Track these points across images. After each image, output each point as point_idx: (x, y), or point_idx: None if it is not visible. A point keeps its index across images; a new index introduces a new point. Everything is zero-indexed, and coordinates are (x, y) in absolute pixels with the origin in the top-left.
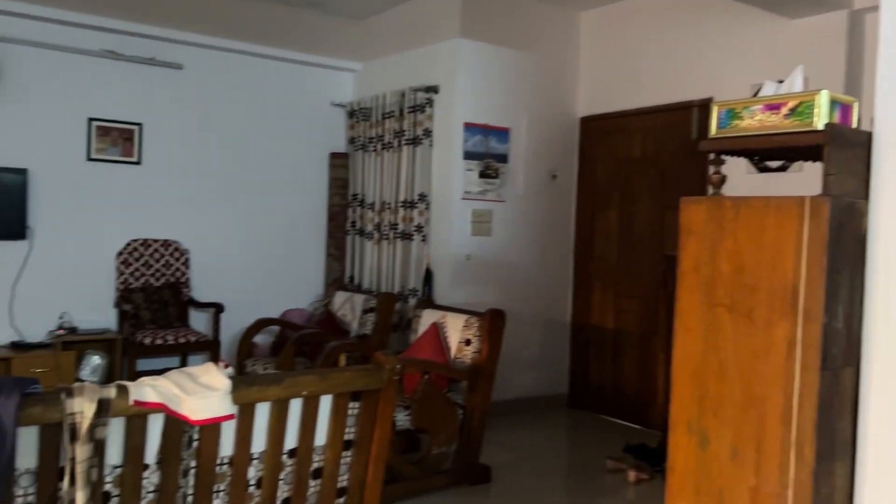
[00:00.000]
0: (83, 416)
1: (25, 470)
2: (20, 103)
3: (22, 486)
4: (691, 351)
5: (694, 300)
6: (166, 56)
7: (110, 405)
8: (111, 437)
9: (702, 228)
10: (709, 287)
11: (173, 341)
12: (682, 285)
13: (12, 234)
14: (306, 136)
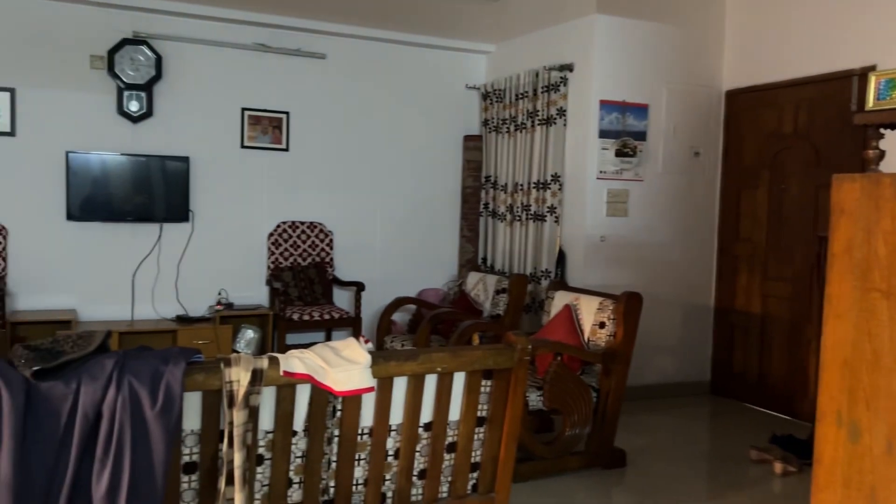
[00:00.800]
0: (239, 384)
1: (190, 431)
2: (182, 96)
3: (188, 445)
4: (842, 338)
5: (846, 284)
6: (311, 47)
7: (263, 375)
8: (264, 405)
9: (856, 207)
10: (863, 270)
11: (319, 317)
12: (833, 269)
13: (177, 217)
14: (441, 119)
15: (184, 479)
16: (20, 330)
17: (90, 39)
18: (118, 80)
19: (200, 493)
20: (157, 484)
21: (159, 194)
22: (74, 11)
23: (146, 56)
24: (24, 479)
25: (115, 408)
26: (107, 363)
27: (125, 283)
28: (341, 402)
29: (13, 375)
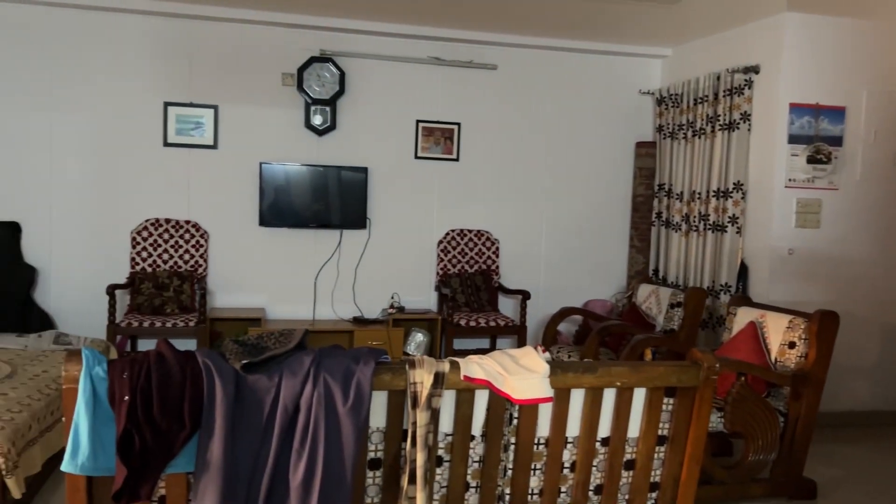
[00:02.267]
0: (423, 385)
1: (376, 428)
2: (362, 110)
3: (373, 442)
4: None
5: None
6: (483, 58)
7: (445, 378)
8: (444, 407)
9: None
10: None
11: (485, 324)
12: None
13: (355, 224)
14: (612, 126)
15: (369, 475)
16: (217, 325)
17: (282, 59)
18: (306, 96)
19: (383, 488)
20: (346, 476)
21: (340, 203)
22: (269, 33)
23: (331, 73)
24: (232, 463)
25: (312, 402)
26: (305, 360)
27: (308, 285)
28: (518, 410)
29: (225, 367)
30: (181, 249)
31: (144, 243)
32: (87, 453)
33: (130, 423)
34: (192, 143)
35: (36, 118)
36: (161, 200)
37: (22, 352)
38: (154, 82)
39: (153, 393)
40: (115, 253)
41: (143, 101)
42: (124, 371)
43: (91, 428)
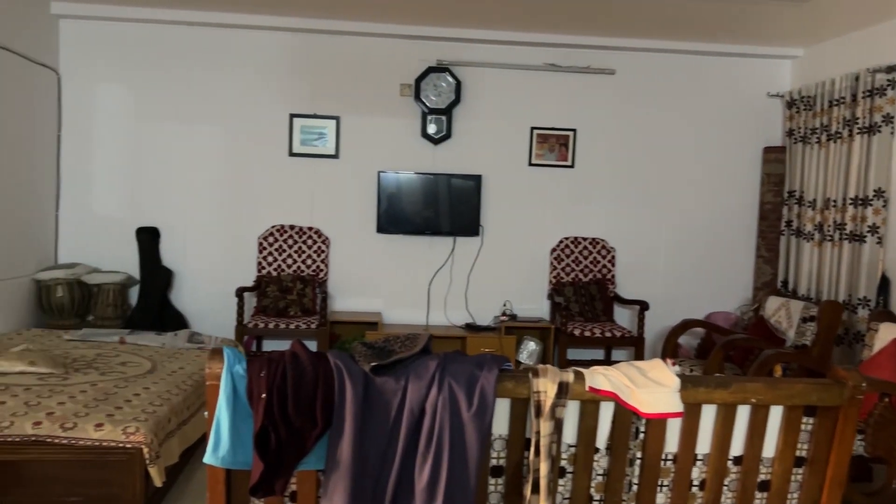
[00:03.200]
0: (546, 395)
1: (499, 436)
2: (477, 118)
3: (495, 449)
4: None
5: None
6: (600, 63)
7: (569, 388)
8: (568, 418)
9: None
10: None
11: (599, 334)
12: None
13: (468, 231)
14: (736, 130)
15: (491, 482)
16: (336, 328)
17: (400, 69)
18: (422, 105)
19: (505, 496)
20: (470, 482)
21: (454, 210)
22: (388, 45)
23: (448, 82)
24: (360, 462)
25: (437, 406)
26: (430, 364)
27: (422, 291)
28: (645, 424)
29: (355, 369)
30: (304, 255)
31: (270, 248)
32: (227, 447)
33: (267, 419)
34: (316, 153)
35: (175, 131)
36: (286, 208)
37: (160, 349)
38: (281, 95)
39: (288, 392)
40: (243, 257)
41: (271, 113)
42: (262, 370)
43: (231, 423)
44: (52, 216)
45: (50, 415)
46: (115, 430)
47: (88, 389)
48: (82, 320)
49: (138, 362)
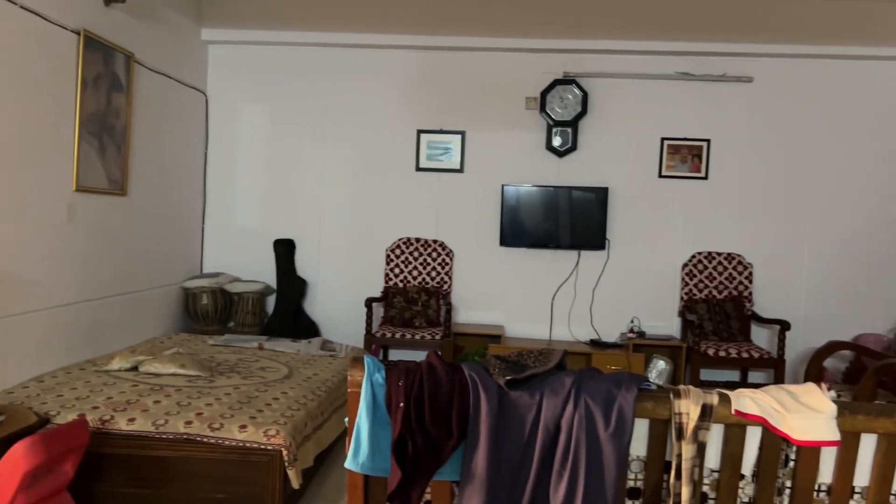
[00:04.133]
0: (688, 417)
1: (636, 457)
2: (604, 130)
3: (633, 470)
4: None
5: None
6: (737, 70)
7: (712, 411)
8: (711, 442)
9: None
10: None
11: (735, 355)
12: None
13: (594, 245)
14: (888, 139)
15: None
16: (460, 340)
17: (526, 83)
18: (548, 118)
19: None
20: (607, 502)
21: (579, 223)
22: (514, 59)
23: (574, 94)
24: (494, 476)
25: (573, 424)
26: (566, 380)
27: (545, 305)
28: (796, 452)
29: (490, 382)
30: (429, 267)
31: (397, 260)
32: (366, 453)
33: (405, 428)
34: (441, 168)
35: (309, 147)
36: (412, 221)
37: (295, 355)
38: (409, 112)
39: (425, 401)
40: (371, 268)
41: (399, 129)
42: (400, 379)
43: (370, 430)
44: (198, 228)
45: (199, 415)
46: (257, 431)
47: (232, 392)
48: (224, 326)
49: (276, 368)
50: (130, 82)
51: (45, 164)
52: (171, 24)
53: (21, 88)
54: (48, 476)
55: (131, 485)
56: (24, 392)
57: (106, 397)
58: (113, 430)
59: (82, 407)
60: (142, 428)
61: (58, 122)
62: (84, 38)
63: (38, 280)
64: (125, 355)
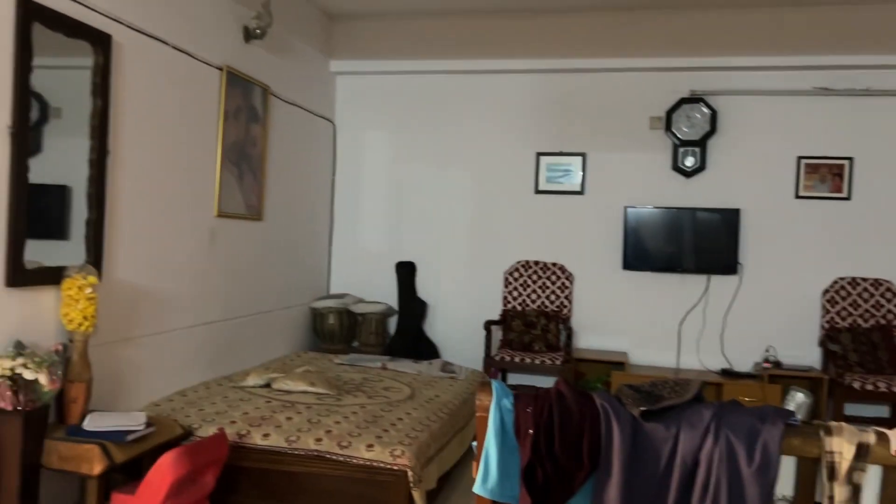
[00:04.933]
0: (842, 456)
1: (782, 497)
2: (735, 149)
3: None
4: None
5: None
6: (884, 84)
7: (869, 451)
8: (867, 485)
9: None
10: None
11: (885, 388)
12: None
13: (725, 269)
14: None
15: None
16: (580, 366)
17: (650, 102)
18: (674, 138)
19: None
20: None
21: (708, 247)
22: (637, 79)
23: (702, 113)
24: None
25: (712, 459)
26: (704, 413)
27: (671, 332)
28: None
29: (623, 412)
30: (548, 290)
31: (515, 283)
32: (495, 479)
33: (534, 455)
34: (561, 190)
35: (430, 171)
36: (531, 244)
37: (417, 376)
38: (528, 135)
39: (555, 429)
40: (490, 291)
41: (518, 152)
42: (528, 405)
43: (499, 456)
44: (326, 251)
45: (328, 432)
46: (383, 451)
47: (359, 411)
48: (348, 346)
49: (399, 388)
50: (266, 113)
51: (191, 191)
52: (303, 57)
53: (171, 121)
54: (192, 486)
55: (265, 498)
56: (169, 405)
57: (242, 412)
58: (249, 445)
59: (221, 421)
60: (275, 443)
61: (203, 152)
62: (226, 73)
63: (184, 300)
64: (259, 372)
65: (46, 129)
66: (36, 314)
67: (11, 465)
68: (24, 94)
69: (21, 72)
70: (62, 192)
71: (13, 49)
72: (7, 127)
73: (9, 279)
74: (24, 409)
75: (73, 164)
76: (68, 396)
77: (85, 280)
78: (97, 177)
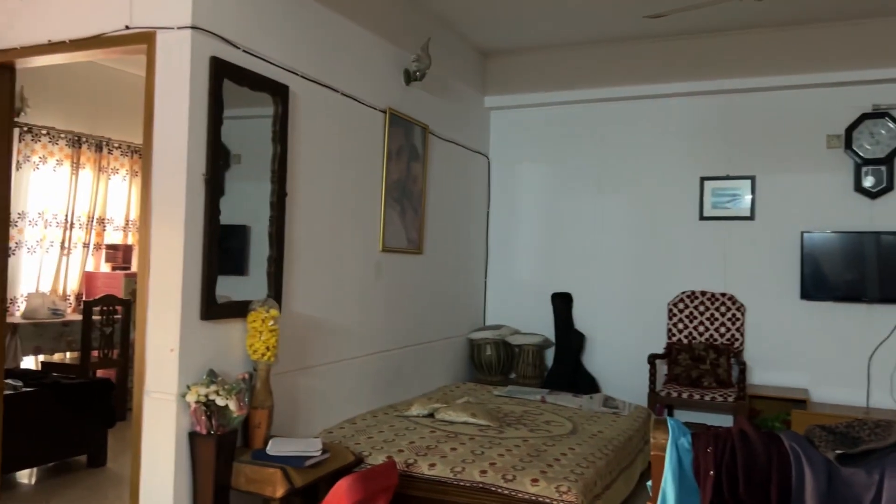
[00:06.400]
0: None
1: None
2: None
3: None
4: None
5: None
6: None
7: None
8: None
9: None
10: None
11: None
12: None
13: None
14: None
15: None
16: (756, 403)
17: (826, 120)
18: (855, 156)
19: None
20: None
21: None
22: (810, 96)
23: (888, 128)
24: None
25: None
26: None
27: (859, 367)
28: None
29: (815, 455)
30: (717, 322)
31: (680, 315)
32: None
33: (716, 498)
34: (728, 216)
35: (586, 201)
36: (696, 273)
37: (578, 410)
38: (691, 158)
39: (738, 472)
40: (652, 323)
41: (681, 177)
42: (709, 445)
43: (678, 497)
44: (482, 283)
45: (492, 465)
46: (548, 486)
47: (521, 444)
48: (506, 377)
49: (560, 422)
50: (426, 151)
51: (358, 227)
52: (459, 95)
53: (340, 162)
54: None
55: None
56: (340, 432)
57: (409, 441)
58: (416, 474)
59: (389, 449)
60: (441, 473)
61: (368, 191)
62: (389, 115)
63: (352, 331)
64: (422, 402)
65: (228, 174)
66: (225, 345)
67: (206, 485)
68: (217, 145)
69: (214, 124)
70: (243, 231)
71: (208, 105)
72: (202, 175)
73: (203, 313)
74: (216, 433)
75: (253, 205)
76: (253, 422)
77: (268, 313)
78: (277, 217)
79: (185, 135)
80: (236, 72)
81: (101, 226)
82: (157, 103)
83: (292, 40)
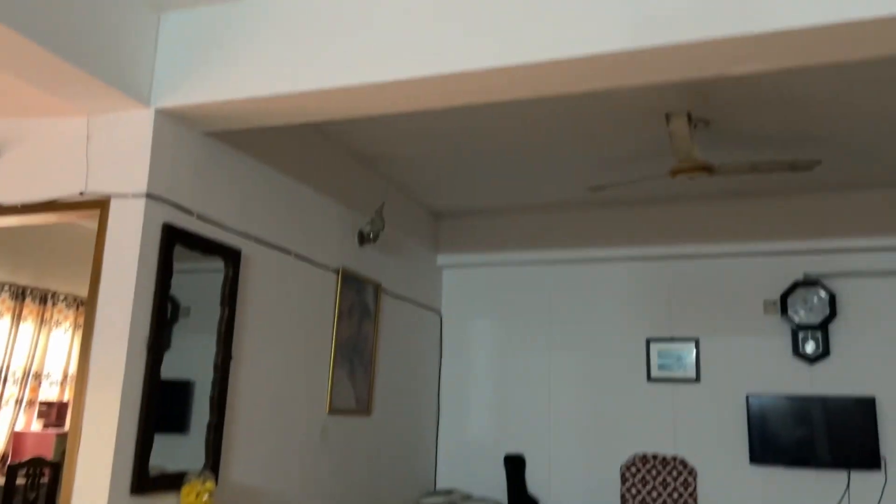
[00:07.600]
0: None
1: None
2: (861, 333)
3: None
4: None
5: None
6: None
7: None
8: None
9: None
10: None
11: None
12: None
13: (865, 464)
14: None
15: None
16: None
17: (763, 286)
18: (790, 323)
19: None
20: None
21: (843, 438)
22: (748, 263)
23: (819, 297)
24: None
25: None
26: None
27: None
28: None
29: None
30: (669, 487)
31: (633, 479)
32: None
33: None
34: (674, 377)
35: (537, 360)
36: (647, 434)
37: None
38: (637, 320)
39: None
40: (606, 487)
41: (628, 338)
42: None
43: None
44: (433, 442)
45: None
46: None
47: None
48: None
49: None
50: (378, 309)
51: (305, 388)
52: (412, 254)
53: (289, 323)
54: None
55: None
56: None
57: None
58: None
59: None
60: None
61: (318, 351)
62: (342, 275)
63: (291, 497)
64: None
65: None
66: None
67: None
68: (163, 311)
69: (161, 290)
70: (187, 387)
71: (156, 271)
72: (145, 340)
73: (134, 486)
74: None
75: (199, 360)
76: None
77: (203, 486)
78: (221, 380)
79: (130, 299)
80: (188, 238)
81: (36, 380)
82: (104, 267)
83: (247, 204)
